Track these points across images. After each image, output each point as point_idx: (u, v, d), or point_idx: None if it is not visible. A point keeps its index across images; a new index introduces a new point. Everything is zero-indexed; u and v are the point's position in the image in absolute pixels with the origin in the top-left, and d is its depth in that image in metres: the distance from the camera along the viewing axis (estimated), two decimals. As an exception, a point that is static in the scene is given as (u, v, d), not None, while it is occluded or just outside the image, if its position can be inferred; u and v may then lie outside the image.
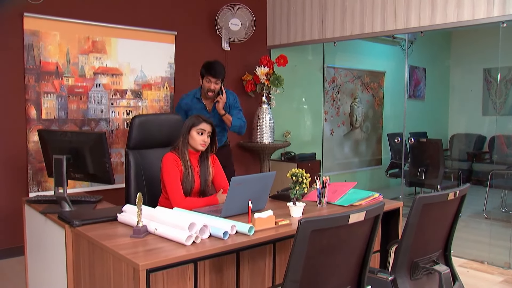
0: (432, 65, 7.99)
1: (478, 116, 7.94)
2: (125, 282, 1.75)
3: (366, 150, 7.12)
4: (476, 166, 7.52)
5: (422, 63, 7.77)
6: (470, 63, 7.92)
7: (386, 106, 7.27)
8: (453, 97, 8.26)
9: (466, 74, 8.11)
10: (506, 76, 7.17)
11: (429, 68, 7.91)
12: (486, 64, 7.53)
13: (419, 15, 4.09)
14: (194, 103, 3.80)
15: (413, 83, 7.70)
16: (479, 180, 7.13)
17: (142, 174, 2.89)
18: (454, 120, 8.31)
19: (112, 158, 4.34)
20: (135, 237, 1.95)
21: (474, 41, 7.69)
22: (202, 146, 2.61)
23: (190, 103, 3.81)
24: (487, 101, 7.82)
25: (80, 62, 4.11)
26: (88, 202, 2.62)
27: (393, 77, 7.16)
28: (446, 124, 8.30)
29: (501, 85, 7.26)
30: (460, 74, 8.22)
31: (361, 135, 6.98)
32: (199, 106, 3.78)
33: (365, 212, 1.49)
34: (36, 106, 3.91)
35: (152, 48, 4.54)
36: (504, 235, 4.26)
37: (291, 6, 5.21)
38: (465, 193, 2.00)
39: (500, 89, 7.31)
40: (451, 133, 8.22)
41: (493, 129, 7.41)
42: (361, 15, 4.54)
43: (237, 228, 2.03)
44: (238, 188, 2.25)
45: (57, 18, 3.95)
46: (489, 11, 3.65)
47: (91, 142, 2.40)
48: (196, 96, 3.81)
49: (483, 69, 7.73)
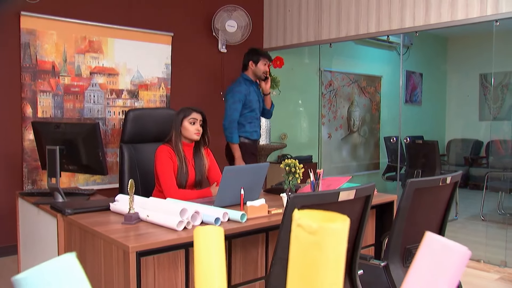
0: (429, 70, 8.02)
1: (475, 121, 7.96)
2: (115, 266, 1.74)
3: (364, 154, 7.12)
4: (473, 170, 7.53)
5: (418, 68, 7.80)
6: (467, 69, 7.96)
7: (383, 110, 7.28)
8: (450, 102, 8.29)
9: (462, 80, 8.15)
10: (502, 81, 7.21)
11: (425, 73, 7.94)
12: (482, 69, 7.57)
13: (413, 15, 4.12)
14: (248, 85, 3.89)
15: (409, 88, 7.73)
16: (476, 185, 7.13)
17: (136, 168, 2.89)
18: (451, 125, 8.33)
19: (108, 157, 4.33)
20: (127, 224, 1.94)
21: (470, 47, 7.74)
22: (197, 135, 2.62)
23: (246, 87, 3.88)
24: (483, 106, 7.85)
25: (77, 62, 4.13)
26: (81, 194, 2.62)
27: (390, 82, 7.19)
28: (443, 129, 8.32)
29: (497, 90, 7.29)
30: (457, 79, 8.26)
31: (359, 139, 6.98)
32: (253, 88, 3.91)
33: (355, 190, 1.49)
34: (32, 105, 3.91)
35: (148, 49, 4.56)
36: (500, 235, 4.25)
37: (287, 8, 5.25)
38: (458, 179, 2.00)
39: (496, 94, 7.34)
40: (448, 138, 8.23)
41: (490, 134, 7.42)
42: (356, 16, 4.57)
43: (229, 215, 2.03)
44: (231, 178, 2.25)
45: (54, 18, 3.97)
46: (482, 10, 3.68)
47: (85, 132, 2.40)
48: (247, 78, 3.92)
49: (479, 75, 7.78)
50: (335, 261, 0.33)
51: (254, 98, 3.88)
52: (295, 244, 0.34)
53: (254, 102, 3.88)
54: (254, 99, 3.88)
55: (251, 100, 3.85)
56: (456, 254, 0.44)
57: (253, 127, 3.92)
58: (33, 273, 0.35)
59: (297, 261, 0.34)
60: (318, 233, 0.32)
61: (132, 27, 4.43)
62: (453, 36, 8.04)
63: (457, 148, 8.06)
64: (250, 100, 3.84)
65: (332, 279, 0.34)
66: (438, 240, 0.45)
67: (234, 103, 3.79)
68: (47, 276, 0.35)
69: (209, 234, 0.52)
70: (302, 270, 0.34)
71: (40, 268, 0.36)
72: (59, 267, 0.36)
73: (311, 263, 0.33)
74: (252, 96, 3.86)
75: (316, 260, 0.33)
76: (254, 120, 3.93)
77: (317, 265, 0.33)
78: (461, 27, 3.77)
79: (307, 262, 0.34)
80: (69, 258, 0.37)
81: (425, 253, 0.44)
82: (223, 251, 0.53)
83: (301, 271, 0.34)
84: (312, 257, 0.33)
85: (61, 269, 0.36)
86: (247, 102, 3.83)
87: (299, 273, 0.34)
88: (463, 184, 7.38)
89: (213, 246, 0.52)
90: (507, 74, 6.96)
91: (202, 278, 0.51)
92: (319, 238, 0.32)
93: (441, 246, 0.44)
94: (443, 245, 0.45)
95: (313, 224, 0.33)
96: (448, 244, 0.45)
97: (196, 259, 0.50)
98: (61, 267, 0.36)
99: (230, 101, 3.82)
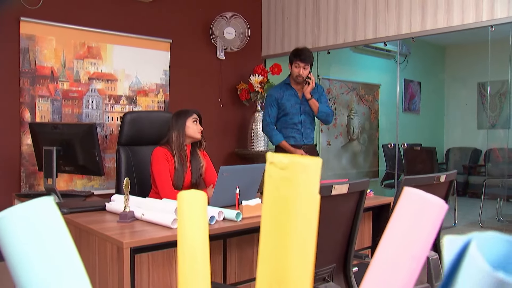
0: (427, 79, 8.06)
1: (474, 129, 7.98)
2: (109, 263, 1.74)
3: (363, 162, 7.12)
4: (472, 179, 7.53)
5: (416, 77, 7.84)
6: (464, 77, 8.00)
7: (382, 118, 7.30)
8: (448, 110, 8.32)
9: (460, 88, 8.18)
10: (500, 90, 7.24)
11: (424, 82, 7.98)
12: (479, 78, 7.61)
13: (410, 22, 4.15)
14: (284, 89, 3.78)
15: (408, 97, 7.76)
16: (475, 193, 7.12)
17: (133, 170, 2.89)
18: (450, 134, 8.34)
19: (106, 163, 4.33)
20: (122, 222, 1.94)
21: (467, 56, 7.80)
22: (199, 134, 2.68)
23: (280, 90, 3.78)
24: (482, 115, 7.87)
25: (75, 67, 4.15)
26: (78, 196, 2.62)
27: (388, 90, 7.21)
28: (442, 137, 8.33)
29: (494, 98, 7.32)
30: (455, 88, 8.29)
31: (358, 147, 6.99)
32: (289, 92, 3.76)
33: (348, 185, 1.49)
34: (31, 109, 3.93)
35: (147, 55, 4.58)
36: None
37: (285, 16, 5.29)
38: (453, 178, 2.01)
39: (494, 102, 7.37)
40: (447, 146, 8.24)
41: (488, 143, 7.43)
42: (353, 23, 4.61)
43: (225, 214, 2.03)
44: (227, 178, 2.26)
45: (54, 23, 4.00)
46: (478, 16, 3.71)
47: (82, 133, 2.41)
48: (286, 82, 3.82)
49: (477, 83, 7.82)
50: (307, 198, 0.34)
51: (289, 102, 3.72)
52: (268, 183, 0.35)
53: (290, 106, 3.72)
54: (290, 103, 3.72)
55: (285, 104, 3.71)
56: (434, 206, 0.45)
57: (290, 133, 3.75)
58: (6, 213, 0.36)
59: (270, 200, 0.35)
60: (289, 168, 0.33)
61: (131, 33, 4.46)
62: (451, 45, 8.10)
63: (456, 157, 8.07)
64: (284, 104, 3.72)
65: (305, 217, 0.34)
66: (415, 193, 0.45)
67: (266, 107, 3.80)
68: (21, 216, 0.36)
69: (193, 197, 0.52)
70: (275, 208, 0.34)
71: (14, 209, 0.36)
72: (36, 208, 0.37)
73: (283, 201, 0.34)
74: (287, 100, 3.72)
75: (288, 196, 0.34)
76: (291, 125, 3.74)
77: (289, 201, 0.34)
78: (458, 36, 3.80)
79: (280, 200, 0.34)
80: (47, 201, 0.38)
81: (404, 206, 0.45)
82: (206, 215, 0.54)
83: (274, 209, 0.34)
84: (284, 194, 0.34)
85: (38, 210, 0.37)
86: (281, 106, 3.72)
87: (272, 211, 0.35)
88: (462, 192, 7.38)
89: (197, 209, 0.52)
90: (504, 83, 6.99)
91: (185, 240, 0.52)
92: (290, 173, 0.33)
93: (419, 199, 0.45)
94: (421, 197, 0.45)
95: (284, 159, 0.33)
96: (426, 196, 0.46)
97: (180, 221, 0.51)
98: (38, 208, 0.37)
99: (265, 105, 3.81)
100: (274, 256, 0.34)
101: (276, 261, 0.34)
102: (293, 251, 0.34)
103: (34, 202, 0.37)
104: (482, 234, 0.28)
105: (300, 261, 0.34)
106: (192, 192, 0.55)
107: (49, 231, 0.38)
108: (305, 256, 0.34)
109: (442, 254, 0.31)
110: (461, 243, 0.28)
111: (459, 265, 0.28)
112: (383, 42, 4.53)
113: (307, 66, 3.67)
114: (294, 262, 0.34)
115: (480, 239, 0.28)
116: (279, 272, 0.34)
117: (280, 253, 0.34)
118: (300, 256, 0.34)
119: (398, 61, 5.59)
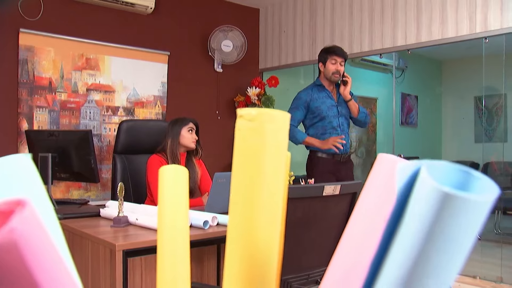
0: (424, 92, 8.12)
1: (471, 143, 8.00)
2: (102, 266, 1.73)
3: (361, 175, 7.11)
4: (470, 192, 7.51)
5: (413, 91, 7.89)
6: (461, 91, 8.05)
7: (379, 132, 7.33)
8: (445, 124, 8.35)
9: (457, 102, 8.23)
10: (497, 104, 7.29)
11: (421, 96, 8.03)
12: (476, 92, 7.66)
13: (405, 34, 4.20)
14: (315, 91, 3.45)
15: (405, 110, 7.80)
16: (474, 206, 7.10)
17: (129, 178, 2.89)
18: (447, 147, 8.36)
19: (103, 174, 4.33)
20: (116, 226, 1.94)
21: (463, 70, 7.86)
22: (193, 143, 2.67)
23: (311, 93, 3.44)
24: (479, 128, 7.90)
25: (74, 78, 4.18)
26: (73, 203, 2.62)
27: (385, 104, 7.25)
28: (440, 151, 8.34)
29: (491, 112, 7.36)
30: (452, 102, 8.34)
31: (356, 160, 7.00)
32: (322, 94, 3.43)
33: (340, 185, 1.50)
34: (28, 120, 3.94)
35: (145, 67, 4.62)
36: (496, 253, 4.22)
37: (282, 29, 5.35)
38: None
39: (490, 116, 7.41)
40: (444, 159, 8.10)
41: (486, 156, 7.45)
42: (349, 35, 4.66)
43: (219, 219, 2.03)
44: (221, 185, 2.26)
45: (52, 35, 4.04)
46: (472, 28, 3.76)
47: (77, 140, 2.42)
48: (317, 83, 3.50)
49: (474, 97, 7.87)
50: (274, 148, 0.34)
51: (324, 105, 3.38)
52: (237, 136, 0.36)
53: (325, 109, 3.37)
54: (325, 106, 3.38)
55: (318, 107, 3.37)
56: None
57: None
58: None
59: (238, 152, 0.36)
60: (256, 119, 0.34)
61: (129, 45, 4.50)
62: (447, 59, 8.17)
63: (454, 170, 8.06)
64: (318, 107, 3.37)
65: (272, 167, 0.35)
66: (387, 157, 0.46)
67: (291, 109, 3.41)
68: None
69: (174, 170, 0.53)
70: (244, 159, 0.35)
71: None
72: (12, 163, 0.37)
73: (251, 151, 0.35)
74: (321, 102, 3.38)
75: (257, 147, 0.35)
76: (330, 129, 3.37)
77: (257, 152, 0.35)
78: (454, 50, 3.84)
79: (248, 150, 0.35)
80: (23, 157, 0.38)
81: (377, 171, 0.46)
82: (187, 188, 0.55)
83: (242, 160, 0.35)
84: (253, 145, 0.35)
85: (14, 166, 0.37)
86: (314, 109, 3.38)
87: (241, 163, 0.36)
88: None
89: (179, 182, 0.53)
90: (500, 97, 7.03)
91: (166, 213, 0.52)
92: (258, 124, 0.34)
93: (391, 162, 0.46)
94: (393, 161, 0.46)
95: (252, 111, 0.34)
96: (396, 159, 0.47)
97: (160, 194, 0.52)
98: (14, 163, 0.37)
99: (290, 107, 3.47)
100: (244, 207, 0.35)
101: (245, 210, 0.35)
102: (262, 201, 0.35)
103: (9, 157, 0.38)
104: (433, 162, 0.29)
105: (268, 209, 0.35)
106: (173, 166, 0.56)
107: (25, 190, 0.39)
108: (273, 204, 0.35)
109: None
110: (412, 169, 0.29)
111: (411, 189, 0.29)
112: (379, 54, 4.57)
113: (343, 61, 3.40)
114: (263, 210, 0.34)
115: (431, 166, 0.29)
116: (249, 221, 0.34)
117: (249, 203, 0.35)
118: (269, 205, 0.35)
119: (394, 75, 5.63)
